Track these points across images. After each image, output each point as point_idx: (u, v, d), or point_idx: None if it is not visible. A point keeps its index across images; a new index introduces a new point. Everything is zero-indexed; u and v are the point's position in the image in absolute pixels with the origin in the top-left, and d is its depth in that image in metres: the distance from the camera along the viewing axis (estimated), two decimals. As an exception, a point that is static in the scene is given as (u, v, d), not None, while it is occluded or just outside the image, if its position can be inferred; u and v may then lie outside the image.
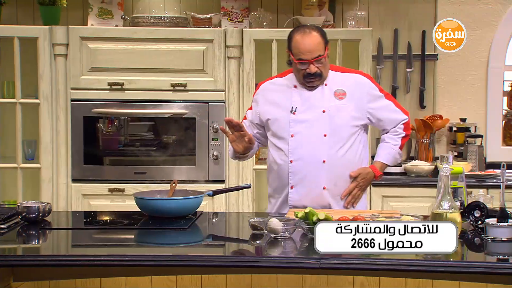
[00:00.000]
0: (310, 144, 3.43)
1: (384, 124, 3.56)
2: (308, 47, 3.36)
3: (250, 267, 2.61)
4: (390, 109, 3.54)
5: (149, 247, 2.93)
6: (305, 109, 3.46)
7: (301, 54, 3.38)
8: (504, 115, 5.35)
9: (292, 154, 3.45)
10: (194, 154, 4.82)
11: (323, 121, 3.44)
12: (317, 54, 3.37)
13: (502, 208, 2.83)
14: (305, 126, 3.45)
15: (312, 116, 3.45)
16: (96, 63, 4.77)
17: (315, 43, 3.38)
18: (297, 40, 3.40)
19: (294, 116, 3.47)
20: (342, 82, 3.50)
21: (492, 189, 4.58)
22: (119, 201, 4.77)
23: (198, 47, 4.77)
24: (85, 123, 4.81)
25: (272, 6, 5.19)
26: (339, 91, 3.47)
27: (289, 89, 3.52)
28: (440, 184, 2.77)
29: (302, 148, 3.44)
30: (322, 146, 3.43)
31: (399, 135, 3.56)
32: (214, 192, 3.52)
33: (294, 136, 3.45)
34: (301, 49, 3.37)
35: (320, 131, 3.44)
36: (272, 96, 3.55)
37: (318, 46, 3.38)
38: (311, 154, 3.43)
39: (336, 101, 3.46)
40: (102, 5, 4.98)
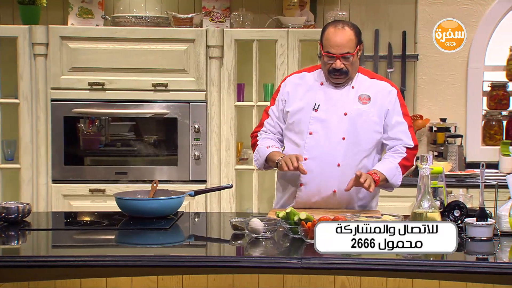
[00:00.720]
0: (327, 145, 3.37)
1: (388, 139, 3.43)
2: (338, 41, 3.30)
3: (231, 267, 2.60)
4: (401, 129, 3.42)
5: (130, 248, 2.92)
6: (327, 108, 3.40)
7: (330, 47, 3.32)
8: (484, 115, 5.39)
9: (308, 152, 3.40)
10: (176, 154, 4.81)
11: (343, 124, 3.38)
12: (345, 51, 3.31)
13: (482, 208, 2.85)
14: (324, 126, 3.39)
15: (333, 117, 3.38)
16: (76, 63, 4.75)
17: (346, 39, 3.31)
18: (329, 32, 3.34)
19: (316, 114, 3.40)
20: (369, 87, 3.43)
21: (471, 189, 4.62)
22: (100, 201, 4.75)
23: (179, 47, 4.75)
24: (66, 123, 4.78)
25: (254, 6, 5.20)
26: (364, 96, 3.41)
27: (315, 85, 3.46)
28: (420, 183, 2.79)
29: (318, 148, 3.38)
30: (339, 149, 3.37)
31: (400, 154, 3.40)
32: (196, 192, 3.51)
33: (313, 134, 3.39)
34: (331, 42, 3.31)
35: (339, 134, 3.37)
36: (298, 90, 3.47)
37: (348, 43, 3.31)
38: (327, 156, 3.37)
39: (360, 105, 3.39)
40: (83, 4, 4.95)
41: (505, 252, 2.71)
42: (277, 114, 3.53)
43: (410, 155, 3.42)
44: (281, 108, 3.50)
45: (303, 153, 3.40)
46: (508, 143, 5.10)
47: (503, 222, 2.86)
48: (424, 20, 5.28)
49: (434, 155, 5.18)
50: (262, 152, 3.47)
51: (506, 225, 2.83)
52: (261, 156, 3.48)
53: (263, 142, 3.52)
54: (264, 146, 3.48)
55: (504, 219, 2.85)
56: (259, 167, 3.53)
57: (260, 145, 3.51)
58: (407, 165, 3.42)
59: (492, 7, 5.25)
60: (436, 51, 5.29)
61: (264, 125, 3.57)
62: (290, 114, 3.47)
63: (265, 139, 3.54)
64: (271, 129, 3.55)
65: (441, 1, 5.27)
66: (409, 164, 3.43)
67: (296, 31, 4.80)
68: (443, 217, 2.92)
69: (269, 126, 3.55)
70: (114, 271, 2.68)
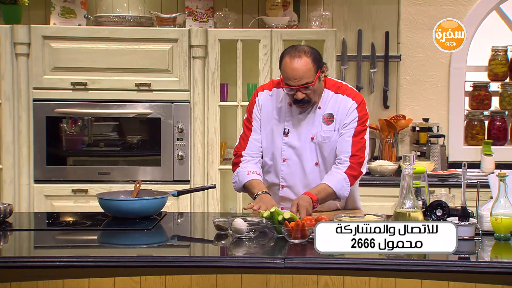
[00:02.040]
0: (302, 172, 3.37)
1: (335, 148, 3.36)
2: (295, 73, 3.18)
3: (215, 267, 2.61)
4: (345, 137, 3.33)
5: (113, 248, 2.91)
6: (297, 134, 3.37)
7: (288, 79, 3.21)
8: (466, 115, 5.42)
9: (284, 180, 3.40)
10: (159, 154, 4.80)
11: (312, 149, 3.36)
12: (304, 82, 3.19)
13: (463, 207, 2.87)
14: (296, 152, 3.37)
15: (303, 143, 3.35)
16: (58, 63, 4.72)
17: (304, 69, 3.18)
18: (286, 63, 3.21)
19: (287, 139, 3.38)
20: (333, 104, 3.36)
21: (454, 188, 4.65)
22: (82, 202, 4.73)
23: (162, 47, 4.74)
24: (48, 123, 4.75)
25: (237, 6, 5.20)
26: (327, 115, 3.34)
27: (284, 107, 3.39)
28: (403, 183, 2.80)
29: (294, 175, 3.38)
30: (314, 175, 3.37)
31: (344, 164, 3.30)
32: (179, 193, 3.50)
33: (286, 161, 3.39)
34: (288, 74, 3.20)
35: (312, 159, 3.36)
36: (269, 111, 3.41)
37: (306, 73, 3.18)
38: (304, 183, 3.36)
39: (324, 126, 3.33)
40: (65, 4, 4.93)
41: (486, 251, 2.73)
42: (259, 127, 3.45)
43: (355, 164, 3.30)
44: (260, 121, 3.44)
45: (280, 180, 3.39)
46: (490, 143, 5.14)
47: (485, 222, 2.89)
48: (406, 21, 5.31)
49: (416, 155, 5.20)
50: (242, 177, 3.38)
51: (488, 225, 2.85)
52: (239, 180, 3.40)
53: (244, 165, 3.40)
54: (245, 171, 3.38)
55: (486, 219, 2.88)
56: (236, 189, 3.46)
57: (241, 168, 3.41)
58: (354, 174, 3.31)
59: (474, 8, 5.29)
60: (419, 51, 5.33)
61: (250, 141, 3.43)
62: (263, 127, 3.42)
63: (248, 163, 3.41)
64: (257, 145, 3.43)
65: (423, 2, 5.31)
66: (355, 173, 3.31)
67: (279, 31, 4.80)
68: (426, 217, 2.94)
69: (255, 142, 3.43)
70: (97, 272, 2.67)
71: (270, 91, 3.45)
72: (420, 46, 5.33)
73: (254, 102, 3.48)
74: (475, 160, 5.18)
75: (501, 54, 5.30)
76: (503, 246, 2.75)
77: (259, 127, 3.44)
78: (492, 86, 5.40)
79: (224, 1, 5.19)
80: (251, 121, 3.46)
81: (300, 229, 2.72)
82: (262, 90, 3.48)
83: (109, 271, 2.66)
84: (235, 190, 3.50)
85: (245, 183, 3.35)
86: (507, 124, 5.40)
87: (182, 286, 2.72)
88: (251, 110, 3.48)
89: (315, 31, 4.88)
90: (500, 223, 2.78)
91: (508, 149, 5.35)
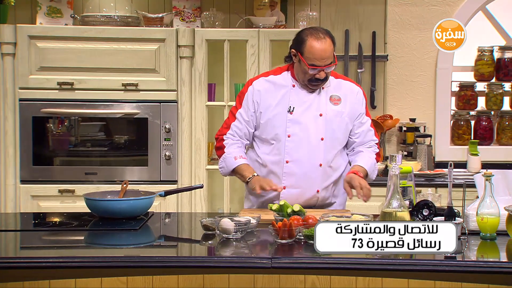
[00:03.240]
0: (307, 146, 3.42)
1: (357, 138, 3.51)
2: (323, 54, 3.31)
3: (202, 267, 2.61)
4: (367, 126, 3.54)
5: (99, 249, 2.90)
6: (303, 111, 3.43)
7: (316, 60, 3.31)
8: (452, 115, 5.45)
9: (289, 155, 3.43)
10: (146, 155, 4.79)
11: (320, 125, 3.42)
12: (330, 61, 3.34)
13: (450, 207, 2.89)
14: (302, 128, 3.42)
15: (310, 119, 3.42)
16: (45, 63, 4.70)
17: (330, 50, 3.33)
18: (313, 45, 3.31)
19: (292, 116, 3.43)
20: (337, 87, 3.50)
21: (440, 188, 4.67)
22: (69, 202, 4.71)
23: (149, 47, 4.73)
24: (34, 123, 4.73)
25: (224, 6, 5.19)
26: (335, 97, 3.47)
27: (286, 88, 3.46)
28: (389, 183, 2.81)
29: (299, 150, 3.42)
30: (319, 150, 3.43)
31: (374, 149, 3.54)
32: (166, 193, 3.50)
33: (291, 137, 3.42)
34: (317, 56, 3.31)
35: (318, 135, 3.42)
36: (269, 93, 3.47)
37: (331, 53, 3.35)
38: (308, 157, 3.42)
39: (332, 106, 3.45)
40: (51, 3, 4.91)
41: (472, 251, 2.74)
42: (246, 118, 3.50)
43: (380, 151, 3.60)
44: (253, 110, 3.48)
45: (284, 156, 3.42)
46: (476, 143, 5.17)
47: (471, 221, 2.90)
48: (393, 21, 5.33)
49: (403, 155, 5.22)
50: (229, 163, 3.47)
51: (474, 224, 2.87)
52: (227, 166, 3.48)
53: (230, 151, 3.49)
54: (232, 157, 3.46)
55: (472, 218, 2.89)
56: (223, 174, 3.56)
57: (227, 153, 3.49)
58: (378, 160, 3.58)
59: (460, 8, 5.31)
60: (406, 51, 5.35)
61: (231, 128, 3.52)
62: (263, 115, 3.46)
63: (232, 147, 3.50)
64: (238, 133, 3.51)
65: (410, 2, 5.33)
66: (379, 159, 3.61)
67: (267, 31, 4.80)
68: (412, 216, 2.94)
69: (236, 129, 3.51)
70: (84, 272, 2.66)
71: (267, 77, 3.52)
72: (407, 46, 5.35)
73: (245, 91, 3.52)
74: (461, 160, 5.20)
75: (487, 54, 5.33)
76: (489, 246, 2.76)
77: (246, 115, 3.49)
78: (478, 86, 5.42)
79: (211, 1, 5.19)
80: (238, 109, 3.52)
81: (287, 229, 2.72)
82: (256, 79, 3.54)
83: (96, 271, 2.66)
84: (222, 175, 3.60)
85: (234, 168, 3.46)
86: (493, 124, 5.44)
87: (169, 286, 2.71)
88: (241, 99, 3.53)
89: (302, 31, 4.88)
90: (486, 223, 2.80)
91: (494, 149, 5.38)
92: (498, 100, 5.40)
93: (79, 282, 2.73)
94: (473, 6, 5.32)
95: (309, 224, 2.81)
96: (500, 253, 2.75)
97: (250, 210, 3.42)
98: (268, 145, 3.48)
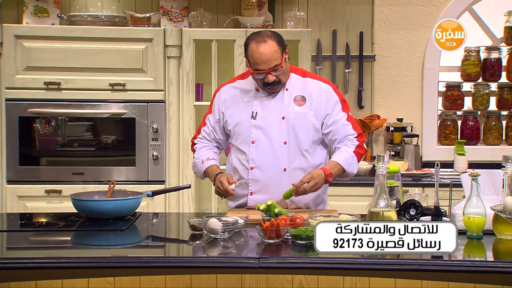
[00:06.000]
0: (271, 151, 3.39)
1: (333, 136, 3.43)
2: (263, 57, 3.24)
3: (189, 267, 2.60)
4: (342, 123, 3.41)
5: (86, 249, 2.89)
6: (265, 115, 3.41)
7: (257, 64, 3.27)
8: (439, 115, 5.47)
9: (253, 161, 3.42)
10: (134, 155, 4.77)
11: (282, 128, 3.39)
12: (273, 64, 3.26)
13: (436, 206, 2.90)
14: (265, 132, 3.40)
15: (272, 123, 3.39)
16: (31, 62, 4.68)
17: (271, 52, 3.25)
18: (253, 49, 3.27)
19: (255, 122, 3.41)
20: (303, 87, 3.43)
21: (427, 188, 4.69)
22: (56, 202, 4.69)
23: (137, 47, 4.72)
24: (21, 123, 4.71)
25: (212, 6, 5.19)
26: (299, 97, 3.41)
27: (250, 93, 3.45)
28: (377, 183, 2.81)
29: (263, 155, 3.40)
30: (282, 154, 3.40)
31: (352, 142, 3.40)
32: (154, 193, 3.49)
33: (255, 143, 3.41)
34: (257, 59, 3.26)
35: (281, 138, 3.39)
36: (234, 101, 3.47)
37: (274, 55, 3.25)
38: (272, 162, 3.39)
39: (295, 107, 3.39)
40: (38, 3, 4.88)
41: (459, 250, 2.75)
42: (212, 123, 3.54)
43: (362, 143, 3.44)
44: (218, 117, 3.51)
45: (249, 162, 3.42)
46: (463, 143, 5.19)
47: (457, 221, 2.91)
48: (380, 21, 5.34)
49: (391, 155, 5.24)
50: (199, 168, 3.53)
51: (460, 224, 2.88)
52: (198, 171, 3.56)
53: (198, 155, 3.54)
54: (199, 161, 3.51)
55: (458, 218, 2.90)
56: (199, 178, 3.63)
57: (195, 158, 3.55)
58: (361, 152, 3.44)
59: (447, 9, 5.34)
60: (393, 51, 5.36)
61: (201, 132, 3.59)
62: (229, 123, 3.48)
63: (200, 150, 3.55)
64: (206, 137, 3.57)
65: (397, 3, 5.35)
66: (362, 151, 3.44)
67: (254, 31, 4.79)
68: (399, 216, 2.96)
69: (204, 133, 3.57)
70: (70, 273, 2.65)
71: (233, 83, 3.54)
72: (394, 46, 5.37)
73: (214, 97, 3.58)
74: (448, 160, 5.23)
75: (474, 54, 5.36)
76: (475, 245, 2.77)
77: (213, 121, 3.54)
78: (465, 86, 5.45)
79: (199, 1, 5.19)
80: (207, 115, 3.58)
81: (275, 228, 2.72)
82: (224, 85, 3.57)
83: (82, 272, 2.64)
84: (198, 177, 3.65)
85: (203, 172, 3.50)
86: (480, 124, 5.46)
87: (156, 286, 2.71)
88: (211, 104, 3.59)
89: (290, 31, 4.89)
90: (472, 222, 2.81)
91: (480, 149, 5.41)
92: (485, 100, 5.43)
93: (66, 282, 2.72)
94: (459, 7, 5.34)
95: (297, 224, 2.81)
96: (487, 253, 2.76)
97: (237, 210, 3.42)
98: (238, 151, 3.48)
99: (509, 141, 5.44)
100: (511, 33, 5.35)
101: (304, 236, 2.69)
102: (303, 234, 2.70)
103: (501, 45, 5.43)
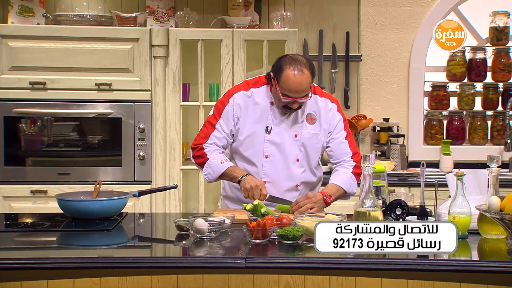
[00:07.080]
0: (284, 167, 3.45)
1: (331, 152, 3.52)
2: (298, 87, 3.25)
3: (176, 267, 2.60)
4: (340, 140, 3.51)
5: (72, 249, 2.88)
6: (280, 131, 3.43)
7: (289, 92, 3.26)
8: (425, 115, 5.49)
9: (266, 176, 3.45)
10: (120, 155, 4.76)
11: (295, 146, 3.45)
12: (304, 94, 3.29)
13: (422, 206, 2.91)
14: (279, 149, 3.44)
15: (286, 139, 3.43)
16: (17, 62, 4.66)
17: (306, 83, 3.26)
18: (289, 76, 3.24)
19: (269, 136, 3.43)
20: (314, 104, 3.47)
21: (413, 187, 4.70)
22: (41, 203, 4.67)
23: (123, 46, 4.71)
24: (6, 123, 4.69)
25: (198, 6, 5.18)
26: (310, 115, 3.46)
27: (265, 106, 3.43)
28: (363, 182, 2.82)
29: (276, 171, 3.44)
30: (296, 170, 3.47)
31: (349, 163, 3.49)
32: (140, 193, 3.49)
33: (269, 158, 3.44)
34: (291, 88, 3.25)
35: (293, 156, 3.45)
36: (248, 110, 3.43)
37: (307, 86, 3.28)
38: (286, 179, 3.46)
39: (308, 126, 3.45)
40: (23, 2, 4.86)
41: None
42: (226, 130, 3.45)
43: (358, 162, 3.49)
44: (233, 124, 3.45)
45: (261, 176, 3.44)
46: (449, 143, 5.22)
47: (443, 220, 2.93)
48: (367, 21, 5.36)
49: (377, 155, 5.26)
50: (216, 168, 3.40)
51: (446, 223, 2.89)
52: (214, 171, 3.41)
53: (214, 156, 3.43)
54: (218, 161, 3.41)
55: (444, 217, 2.92)
56: (209, 180, 3.47)
57: (211, 159, 3.42)
58: (359, 172, 3.43)
59: (433, 9, 5.36)
60: (379, 51, 5.38)
61: (211, 138, 3.45)
62: (241, 132, 3.45)
63: (215, 153, 3.45)
64: (217, 143, 3.46)
65: (383, 3, 5.36)
66: (360, 170, 3.40)
67: (241, 31, 4.80)
68: (385, 216, 2.97)
69: (216, 139, 3.45)
70: (56, 274, 2.64)
71: (247, 91, 3.46)
72: (380, 46, 5.38)
73: (227, 102, 3.46)
74: (434, 160, 5.25)
75: (459, 55, 5.38)
76: (460, 245, 2.78)
77: (225, 127, 3.45)
78: (450, 87, 5.48)
79: (185, 0, 5.18)
80: (217, 119, 3.46)
81: (262, 228, 2.72)
82: (237, 91, 3.47)
83: (68, 272, 2.63)
84: (207, 181, 3.50)
85: (223, 172, 3.39)
86: (465, 124, 5.49)
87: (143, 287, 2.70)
88: (221, 109, 3.46)
89: (276, 31, 4.90)
90: (457, 222, 2.82)
91: (466, 149, 5.44)
92: (470, 100, 5.46)
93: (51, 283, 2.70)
94: (445, 7, 5.37)
95: (283, 224, 2.81)
96: (472, 252, 2.77)
97: (224, 210, 3.42)
98: (246, 161, 3.48)
99: (494, 141, 5.47)
100: (496, 34, 5.38)
101: (290, 236, 2.70)
102: (289, 234, 2.70)
103: (486, 46, 5.45)
